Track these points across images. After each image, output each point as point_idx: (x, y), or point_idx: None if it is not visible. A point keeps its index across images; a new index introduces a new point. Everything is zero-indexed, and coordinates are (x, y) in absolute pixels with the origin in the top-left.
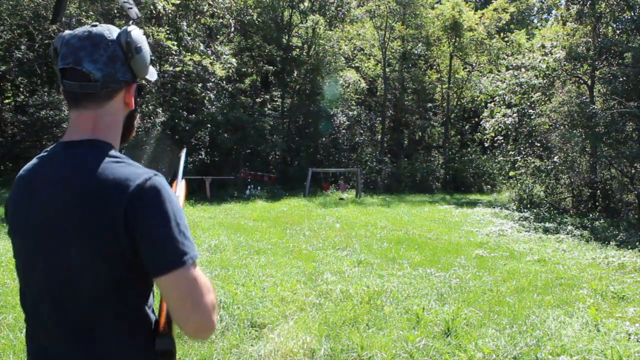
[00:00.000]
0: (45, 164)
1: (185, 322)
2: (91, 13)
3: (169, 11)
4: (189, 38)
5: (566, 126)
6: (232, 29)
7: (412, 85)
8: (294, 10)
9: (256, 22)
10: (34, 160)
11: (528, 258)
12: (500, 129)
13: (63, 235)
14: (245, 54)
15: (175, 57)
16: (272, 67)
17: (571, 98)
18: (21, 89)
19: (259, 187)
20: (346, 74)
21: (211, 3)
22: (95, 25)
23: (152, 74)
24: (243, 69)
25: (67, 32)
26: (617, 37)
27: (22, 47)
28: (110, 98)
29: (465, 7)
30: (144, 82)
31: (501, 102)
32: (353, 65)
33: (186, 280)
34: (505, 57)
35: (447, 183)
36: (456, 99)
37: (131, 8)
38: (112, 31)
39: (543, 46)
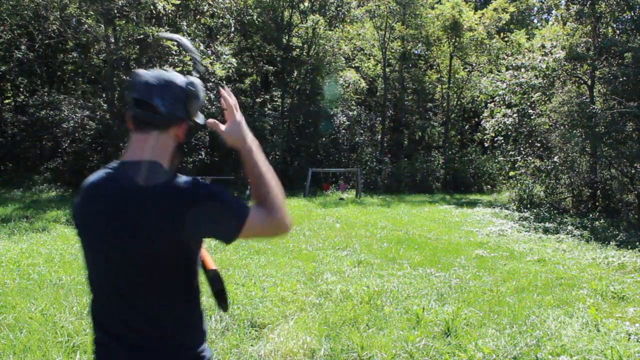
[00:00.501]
0: (109, 178)
1: (271, 237)
2: (91, 13)
3: (169, 11)
4: (189, 38)
5: (566, 126)
6: (232, 29)
7: (412, 85)
8: (294, 10)
9: (256, 22)
10: (100, 174)
11: (528, 258)
12: (500, 129)
13: (127, 237)
14: (245, 54)
15: (175, 57)
16: (272, 67)
17: (571, 98)
18: (21, 89)
19: None
20: (346, 74)
21: (211, 3)
22: (166, 70)
23: (201, 118)
24: (243, 69)
25: (142, 71)
26: (617, 37)
27: (22, 47)
28: (168, 129)
29: (465, 7)
30: (191, 122)
31: (501, 102)
32: (353, 65)
33: (249, 229)
34: (505, 57)
35: (447, 183)
36: (456, 99)
37: (197, 62)
38: (179, 78)
39: (543, 46)
